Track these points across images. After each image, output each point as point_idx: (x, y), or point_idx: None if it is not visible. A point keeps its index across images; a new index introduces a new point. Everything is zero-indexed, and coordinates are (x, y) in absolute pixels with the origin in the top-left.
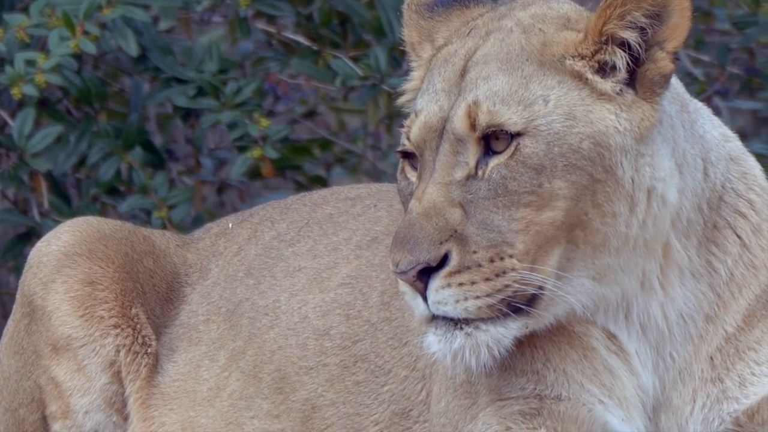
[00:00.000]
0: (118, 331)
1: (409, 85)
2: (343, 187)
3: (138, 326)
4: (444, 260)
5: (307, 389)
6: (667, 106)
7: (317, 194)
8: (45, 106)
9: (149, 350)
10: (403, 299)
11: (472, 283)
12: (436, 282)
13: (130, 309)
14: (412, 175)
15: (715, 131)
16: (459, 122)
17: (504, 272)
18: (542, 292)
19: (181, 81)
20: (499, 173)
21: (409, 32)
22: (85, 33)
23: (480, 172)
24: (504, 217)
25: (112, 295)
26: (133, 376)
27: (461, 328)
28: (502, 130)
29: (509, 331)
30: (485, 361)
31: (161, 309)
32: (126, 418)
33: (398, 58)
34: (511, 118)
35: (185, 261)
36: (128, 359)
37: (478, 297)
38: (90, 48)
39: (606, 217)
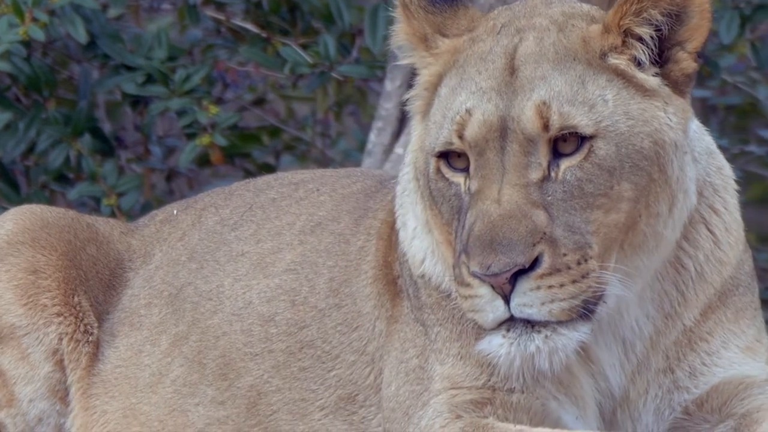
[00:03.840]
0: (61, 319)
1: (422, 80)
2: (287, 173)
3: (80, 314)
4: (534, 262)
5: (253, 375)
6: None
7: (261, 180)
8: None
9: (90, 338)
10: (472, 301)
11: (561, 285)
12: (525, 284)
13: (73, 297)
14: (453, 176)
15: (692, 124)
16: (530, 122)
17: (588, 274)
18: (606, 293)
19: (130, 68)
20: (574, 175)
21: (418, 24)
22: (34, 20)
23: (552, 174)
24: (581, 219)
25: (55, 284)
26: (74, 365)
27: (539, 331)
28: (573, 133)
29: (580, 335)
30: (558, 365)
31: (104, 296)
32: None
33: (347, 46)
34: (583, 120)
35: (129, 247)
36: (70, 347)
37: (563, 299)
38: (39, 35)
39: (651, 218)
